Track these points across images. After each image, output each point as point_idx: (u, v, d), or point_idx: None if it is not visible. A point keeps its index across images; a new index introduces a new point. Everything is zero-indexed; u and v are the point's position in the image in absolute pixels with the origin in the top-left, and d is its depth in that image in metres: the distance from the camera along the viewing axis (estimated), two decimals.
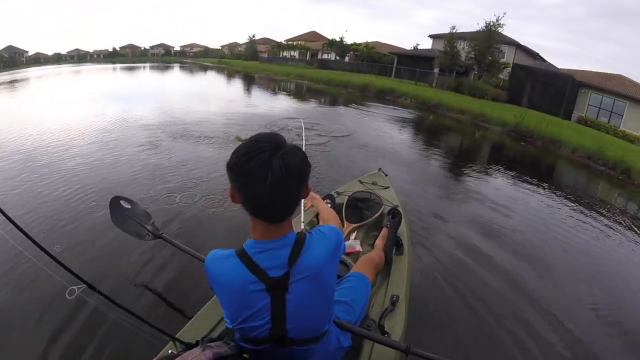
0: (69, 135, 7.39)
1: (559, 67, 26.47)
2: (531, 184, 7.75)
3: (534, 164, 11.02)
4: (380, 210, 3.06)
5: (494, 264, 3.83)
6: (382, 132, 11.00)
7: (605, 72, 24.05)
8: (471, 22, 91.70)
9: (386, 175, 3.99)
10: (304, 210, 2.64)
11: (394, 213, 2.82)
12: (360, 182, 3.71)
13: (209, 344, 1.15)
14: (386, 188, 3.60)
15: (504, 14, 26.92)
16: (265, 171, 0.99)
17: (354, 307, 1.70)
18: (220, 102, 14.65)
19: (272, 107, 14.23)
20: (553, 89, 22.97)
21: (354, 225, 2.92)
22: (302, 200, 2.34)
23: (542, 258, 4.33)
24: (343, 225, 2.85)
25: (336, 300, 1.61)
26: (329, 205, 2.90)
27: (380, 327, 1.81)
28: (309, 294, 1.16)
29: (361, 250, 2.60)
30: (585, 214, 6.33)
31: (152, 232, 2.67)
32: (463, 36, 27.57)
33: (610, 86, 22.17)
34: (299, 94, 22.04)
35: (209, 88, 23.08)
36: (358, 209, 3.09)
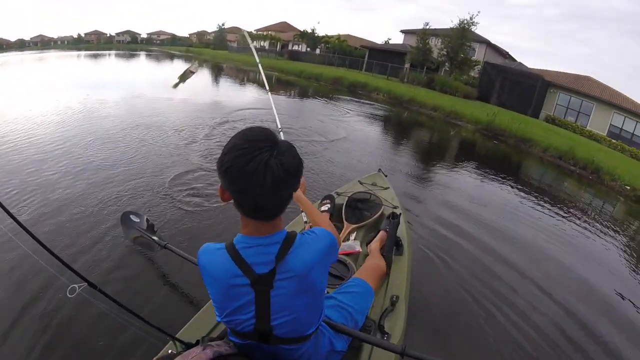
0: (57, 131, 6.81)
1: (529, 66, 26.92)
2: (514, 185, 7.77)
3: (509, 163, 11.05)
4: (380, 211, 3.03)
5: (492, 261, 3.92)
6: (359, 130, 10.48)
7: (575, 73, 24.72)
8: (444, 19, 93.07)
9: (386, 176, 3.96)
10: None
11: (394, 215, 2.76)
12: (360, 182, 3.68)
13: (209, 343, 1.14)
14: (386, 189, 3.58)
15: (479, 12, 27.42)
16: (264, 173, 0.96)
17: (354, 316, 1.66)
18: (202, 97, 13.62)
19: (244, 100, 13.50)
20: (522, 87, 23.45)
21: (354, 225, 2.88)
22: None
23: (542, 258, 4.41)
24: (343, 226, 2.86)
25: (338, 304, 1.63)
26: (329, 206, 2.96)
27: (380, 328, 1.82)
28: (295, 293, 1.12)
29: (361, 250, 2.55)
30: (576, 218, 6.42)
31: (158, 243, 2.80)
32: (436, 32, 27.62)
33: (579, 87, 22.88)
34: (270, 86, 21.16)
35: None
36: (358, 209, 3.05)
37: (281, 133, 2.54)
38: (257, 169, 0.95)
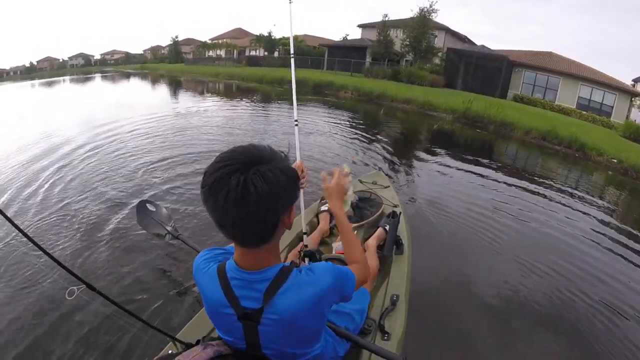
0: (54, 143, 7.12)
1: (492, 48, 26.97)
2: (510, 174, 7.58)
3: (496, 150, 10.86)
4: (381, 210, 3.04)
5: (493, 257, 3.87)
6: (342, 134, 9.61)
7: (537, 50, 24.96)
8: (400, 9, 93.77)
9: (386, 175, 3.91)
10: (304, 209, 2.42)
11: (393, 213, 2.75)
12: (361, 181, 3.68)
13: (209, 342, 1.12)
14: (386, 187, 3.59)
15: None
16: (221, 188, 0.90)
17: (355, 317, 1.65)
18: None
19: (208, 115, 12.46)
20: (488, 70, 23.43)
21: (354, 225, 2.86)
22: (302, 199, 2.21)
23: (549, 249, 4.23)
24: None
25: (335, 310, 1.57)
26: (328, 207, 2.84)
27: (381, 327, 1.81)
28: (283, 335, 1.06)
29: None
30: (581, 201, 6.36)
31: (171, 232, 2.81)
32: (395, 24, 27.35)
33: (543, 64, 23.15)
34: (231, 94, 20.02)
35: (143, 98, 20.25)
36: (358, 208, 3.05)
37: (296, 128, 2.34)
38: (215, 183, 0.90)
